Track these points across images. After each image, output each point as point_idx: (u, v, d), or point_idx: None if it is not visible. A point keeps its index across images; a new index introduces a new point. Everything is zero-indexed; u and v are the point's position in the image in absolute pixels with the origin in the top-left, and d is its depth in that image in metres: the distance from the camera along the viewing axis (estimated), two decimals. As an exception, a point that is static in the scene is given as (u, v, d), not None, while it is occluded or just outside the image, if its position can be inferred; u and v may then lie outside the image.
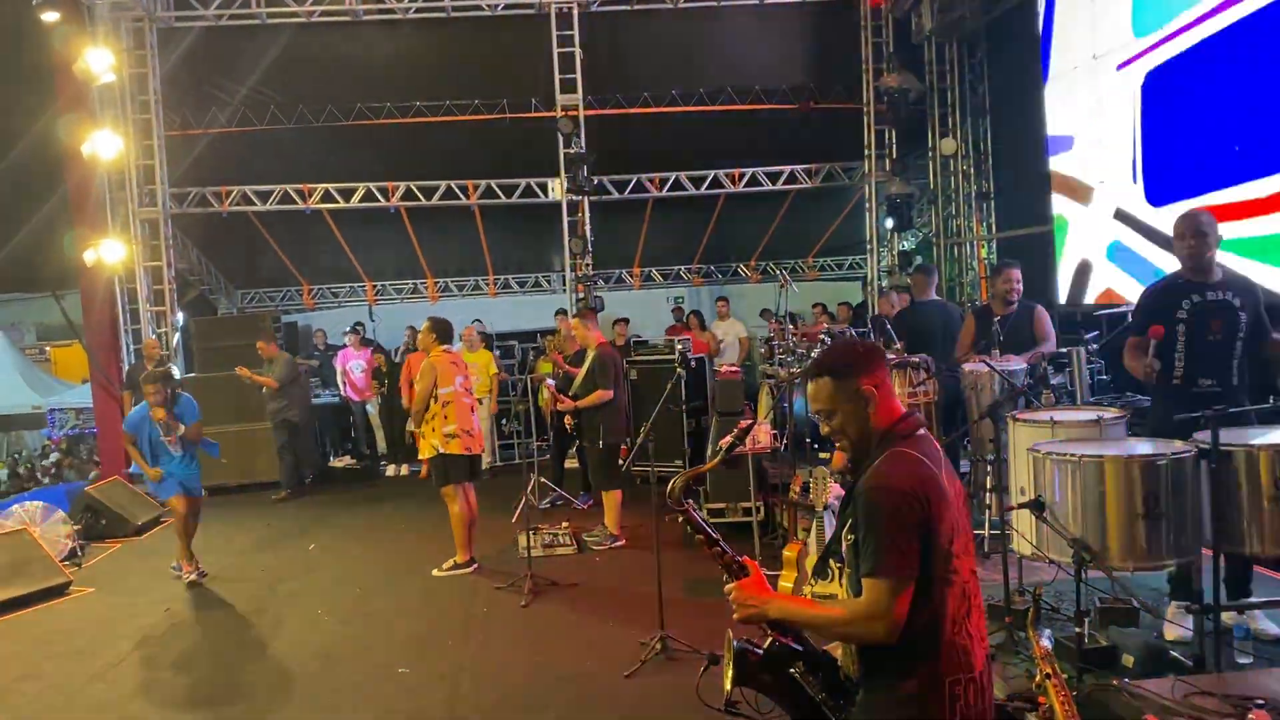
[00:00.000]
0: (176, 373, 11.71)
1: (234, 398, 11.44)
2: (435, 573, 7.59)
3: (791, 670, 2.48)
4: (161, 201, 12.54)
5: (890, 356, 6.80)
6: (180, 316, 12.77)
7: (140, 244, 12.38)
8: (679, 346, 10.15)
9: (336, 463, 12.95)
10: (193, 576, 7.82)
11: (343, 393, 12.86)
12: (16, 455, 21.12)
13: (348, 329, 13.29)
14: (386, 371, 12.28)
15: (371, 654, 5.97)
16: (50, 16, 10.59)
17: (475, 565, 7.63)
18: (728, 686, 2.54)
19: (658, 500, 6.05)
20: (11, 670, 6.05)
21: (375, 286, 17.15)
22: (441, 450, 7.46)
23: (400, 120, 13.36)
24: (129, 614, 7.13)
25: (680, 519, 2.77)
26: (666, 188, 14.15)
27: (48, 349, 24.84)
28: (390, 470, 12.35)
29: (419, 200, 13.94)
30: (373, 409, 12.80)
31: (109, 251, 11.41)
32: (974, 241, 13.21)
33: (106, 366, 11.73)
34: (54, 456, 18.84)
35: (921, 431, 2.45)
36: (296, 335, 15.11)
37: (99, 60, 10.74)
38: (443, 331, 7.73)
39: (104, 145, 11.10)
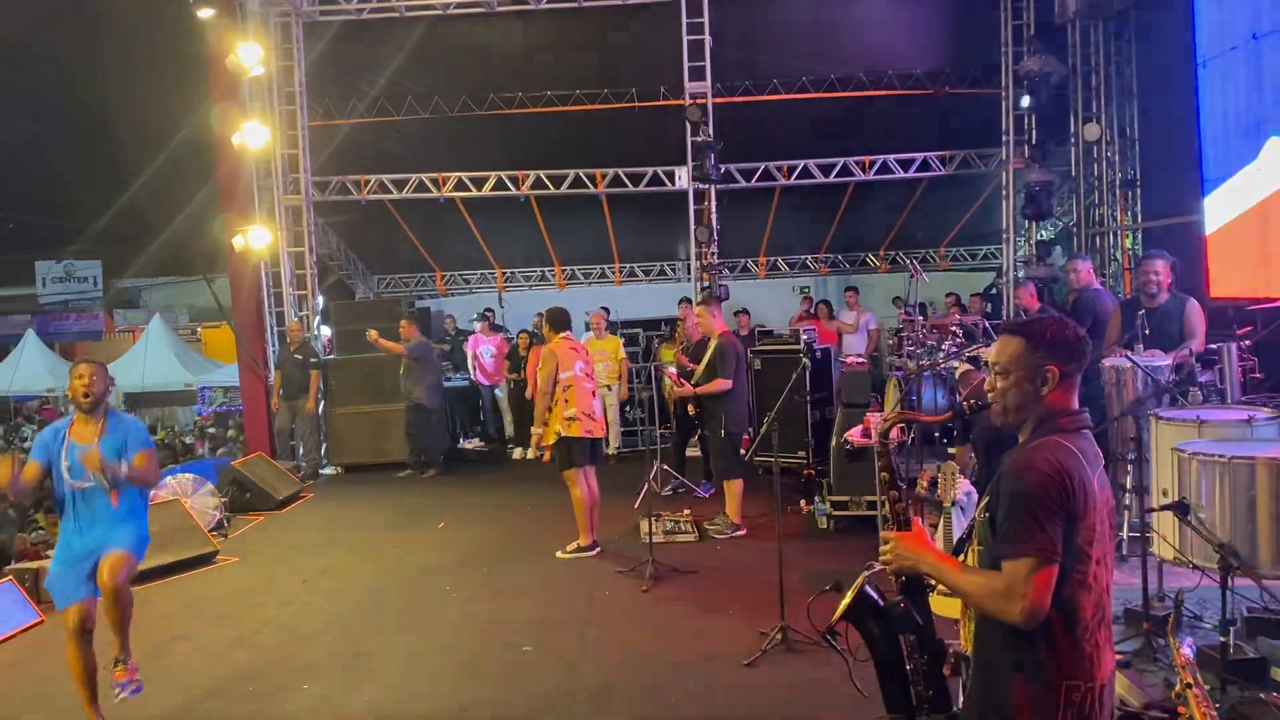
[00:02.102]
0: (318, 351, 12.20)
1: (370, 379, 11.87)
2: (559, 555, 7.72)
3: (902, 637, 2.51)
4: (304, 190, 13.05)
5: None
6: (320, 300, 13.28)
7: (284, 231, 12.91)
8: (804, 336, 10.03)
9: (466, 445, 13.29)
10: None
11: (472, 376, 13.19)
12: (170, 429, 22.36)
13: (477, 315, 13.59)
14: (523, 355, 12.48)
15: (496, 631, 6.11)
16: (205, 13, 11.15)
17: (598, 549, 7.72)
18: (836, 617, 2.62)
19: (781, 490, 6.03)
20: (166, 630, 6.42)
21: (505, 274, 17.51)
22: (563, 434, 7.56)
23: (531, 110, 13.58)
24: (269, 584, 7.48)
25: (879, 453, 2.91)
26: (794, 176, 13.97)
27: (199, 330, 26.26)
28: (517, 453, 12.61)
29: (548, 189, 14.14)
30: (501, 393, 13.08)
31: (256, 238, 11.94)
32: (1117, 231, 12.63)
33: (253, 347, 12.31)
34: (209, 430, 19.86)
35: (1086, 431, 2.39)
36: (429, 320, 15.55)
37: (249, 54, 11.25)
38: (557, 320, 7.84)
39: (252, 136, 11.61)
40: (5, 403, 24.15)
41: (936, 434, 8.41)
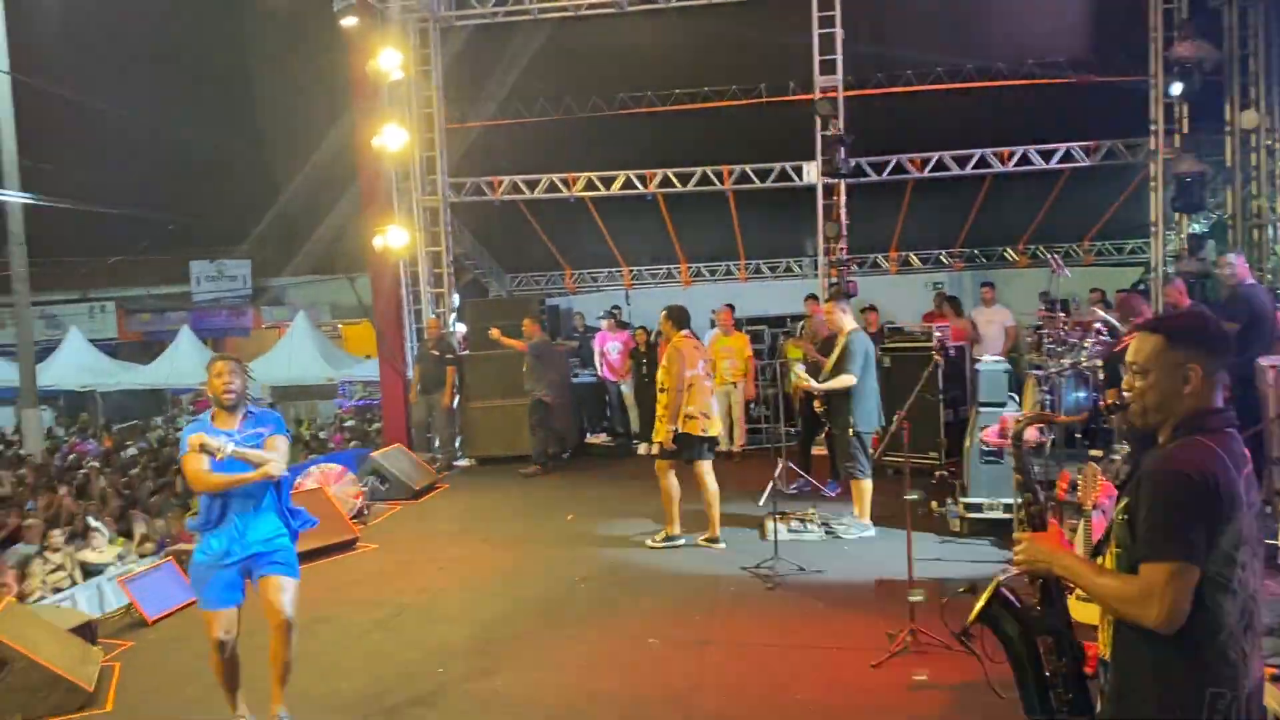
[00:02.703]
0: (454, 347, 12.54)
1: (502, 374, 12.12)
2: (648, 543, 7.92)
3: (1039, 639, 2.45)
4: (441, 191, 13.44)
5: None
6: (456, 298, 13.66)
7: (422, 231, 13.33)
8: (937, 334, 9.80)
9: (593, 440, 13.46)
10: None
11: (599, 373, 13.36)
12: (312, 421, 23.34)
13: (604, 313, 13.75)
14: (645, 352, 12.59)
15: (621, 623, 6.19)
16: (349, 22, 11.61)
17: (684, 540, 7.83)
18: (970, 619, 2.60)
19: (912, 492, 5.91)
20: (310, 612, 6.71)
21: (632, 271, 17.66)
22: (680, 430, 7.67)
23: (660, 108, 13.65)
24: (406, 570, 7.75)
25: (1013, 453, 2.87)
26: (928, 168, 13.65)
27: (340, 326, 27.35)
28: (642, 449, 12.69)
29: (675, 187, 14.19)
30: (627, 389, 13.20)
31: (395, 238, 12.36)
32: (1277, 224, 11.91)
33: (392, 343, 12.75)
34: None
35: (1231, 431, 2.28)
36: (558, 318, 15.81)
37: (389, 60, 11.67)
38: (679, 318, 7.97)
39: (392, 139, 12.03)
40: (163, 394, 25.69)
41: (1078, 435, 8.10)
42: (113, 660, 6.08)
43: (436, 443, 12.51)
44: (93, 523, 10.45)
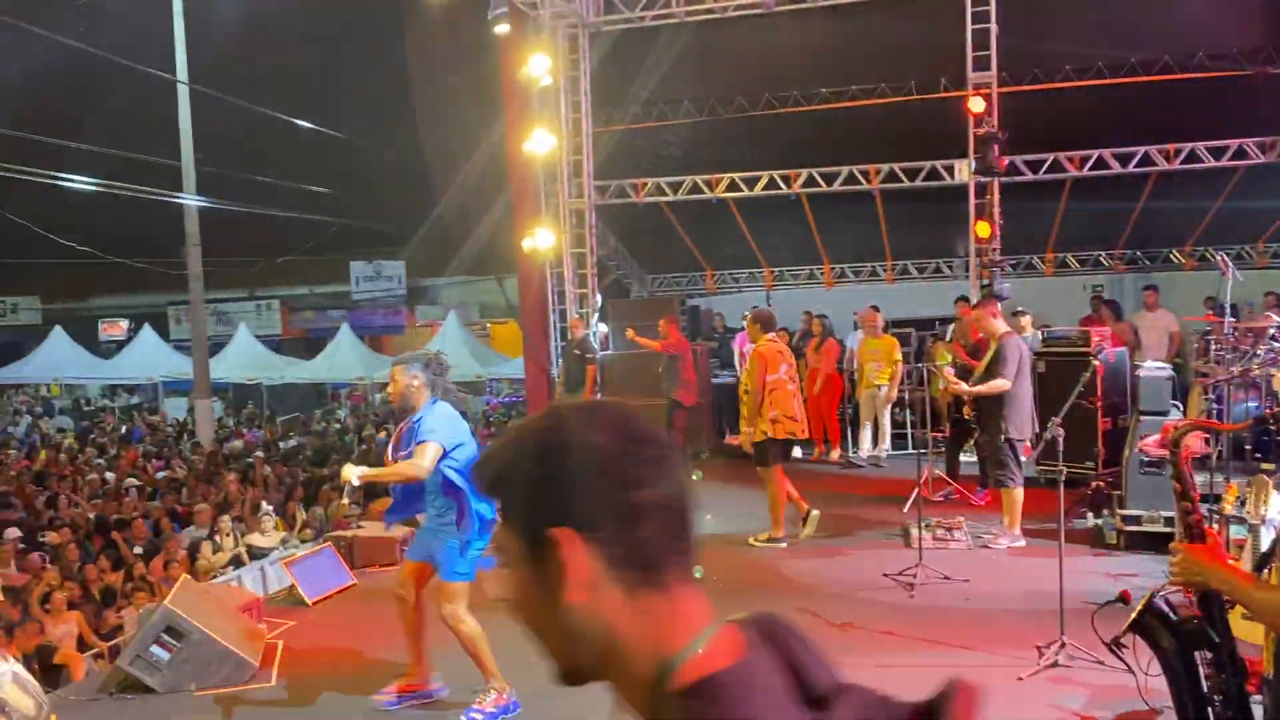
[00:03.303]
0: (595, 346, 12.72)
1: (642, 374, 12.26)
2: (751, 541, 8.07)
3: (1196, 653, 2.35)
4: (587, 193, 13.67)
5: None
6: (599, 298, 13.88)
7: (568, 233, 13.59)
8: (1095, 339, 9.40)
9: (731, 440, 13.44)
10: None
11: (738, 373, 13.33)
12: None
13: (746, 313, 13.69)
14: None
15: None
16: (502, 29, 11.97)
17: (786, 543, 8.00)
18: (1124, 629, 2.56)
19: (1065, 501, 5.70)
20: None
21: (773, 272, 17.55)
22: (769, 435, 7.83)
23: (806, 108, 13.53)
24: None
25: (1169, 461, 2.77)
26: (1087, 166, 13.08)
27: (488, 325, 28.15)
28: (782, 451, 12.62)
29: (820, 186, 14.03)
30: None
31: (542, 239, 12.66)
32: None
33: (537, 342, 13.06)
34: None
35: None
36: (699, 318, 15.88)
37: (539, 65, 11.96)
38: (766, 322, 8.27)
39: (540, 143, 12.33)
40: (323, 388, 26.96)
41: (1248, 447, 7.64)
42: (276, 638, 6.44)
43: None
44: (264, 507, 11.08)
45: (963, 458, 9.98)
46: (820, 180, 13.95)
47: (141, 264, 24.47)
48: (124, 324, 31.58)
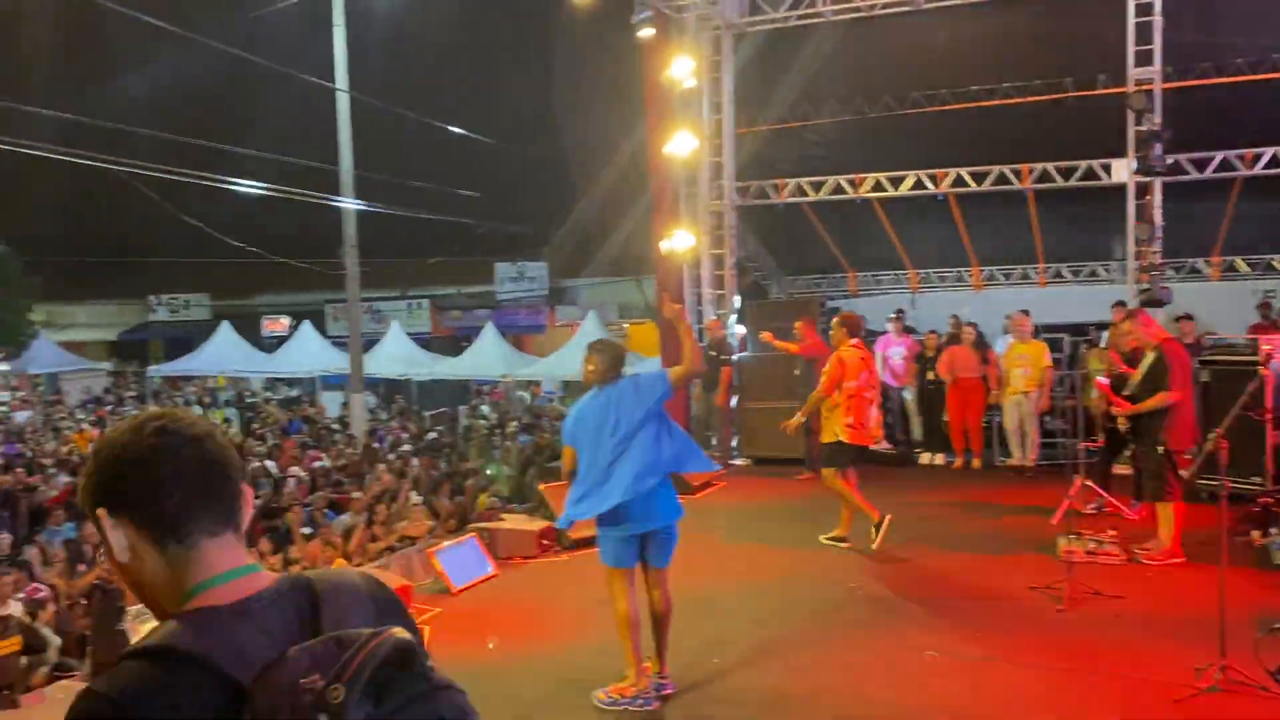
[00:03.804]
0: (732, 347, 12.73)
1: (780, 377, 12.18)
2: (822, 539, 8.23)
3: None
4: (727, 195, 13.69)
5: None
6: (737, 299, 13.87)
7: (707, 234, 13.64)
8: (1266, 347, 8.85)
9: (873, 446, 13.22)
10: None
11: (881, 378, 13.09)
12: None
13: (891, 315, 13.47)
14: (929, 358, 12.24)
15: (898, 632, 6.08)
16: (646, 33, 12.10)
17: (848, 543, 8.13)
18: None
19: (1229, 519, 5.40)
20: (592, 596, 7.09)
21: (919, 274, 17.19)
22: (841, 439, 7.96)
23: (955, 106, 13.21)
24: (684, 561, 7.91)
25: None
26: (1260, 165, 12.33)
27: (626, 325, 28.44)
28: (924, 458, 12.34)
29: (969, 186, 13.67)
30: (910, 395, 12.87)
31: (680, 241, 12.74)
32: None
33: (674, 342, 13.12)
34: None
35: None
36: (840, 320, 15.65)
37: (681, 68, 12.04)
38: (853, 327, 8.27)
39: (681, 145, 12.40)
40: (468, 385, 27.75)
41: None
42: (424, 623, 6.70)
43: (714, 441, 12.76)
44: (413, 497, 11.51)
45: (1116, 469, 9.57)
46: (969, 180, 13.59)
47: (303, 264, 25.75)
48: (285, 321, 33.28)
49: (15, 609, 7.61)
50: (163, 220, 21.05)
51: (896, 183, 13.95)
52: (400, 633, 1.27)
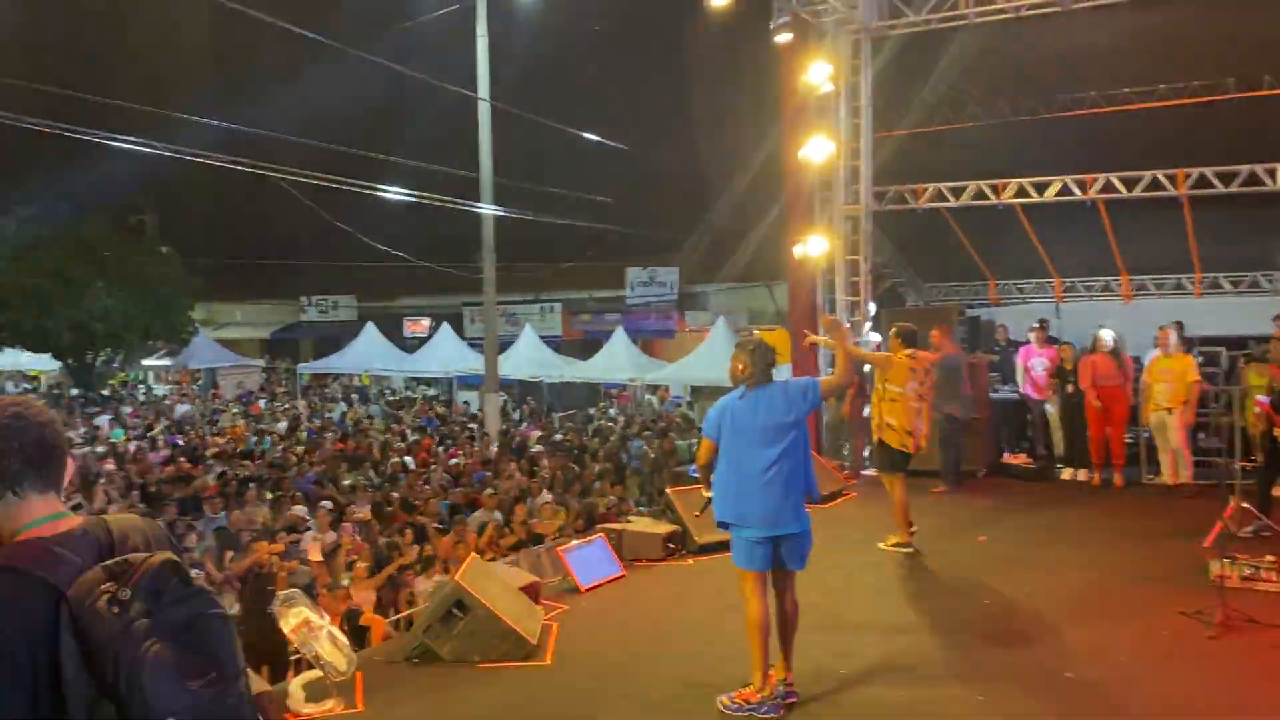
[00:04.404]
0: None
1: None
2: (880, 546, 8.34)
3: None
4: (864, 200, 13.46)
5: None
6: (871, 307, 13.63)
7: (842, 240, 13.45)
8: None
9: (1011, 460, 12.81)
10: None
11: (1021, 389, 12.67)
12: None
13: (1033, 325, 13.01)
14: (1071, 370, 11.78)
15: (1036, 653, 5.89)
16: (783, 39, 12.05)
17: (913, 548, 8.22)
18: None
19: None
20: (722, 600, 7.11)
21: (1064, 284, 16.58)
22: (881, 437, 8.34)
23: (1105, 109, 12.69)
24: (814, 572, 7.83)
25: None
26: None
27: (756, 331, 28.27)
28: (1066, 474, 11.88)
29: (1119, 192, 13.09)
30: (1052, 408, 12.41)
31: (814, 246, 12.61)
32: None
33: (805, 349, 13.00)
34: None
35: None
36: (978, 330, 15.22)
37: (819, 73, 11.93)
38: (907, 337, 8.51)
39: (817, 150, 12.28)
40: (597, 388, 28.12)
41: None
42: (552, 620, 6.83)
43: (845, 450, 12.58)
44: (543, 496, 11.75)
45: (1276, 491, 9.02)
46: (1119, 185, 13.01)
47: (443, 268, 26.59)
48: (425, 322, 34.43)
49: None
50: (315, 225, 22.09)
51: (1041, 188, 13.46)
52: (168, 555, 1.89)
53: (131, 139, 13.25)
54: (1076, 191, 13.20)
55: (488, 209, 20.27)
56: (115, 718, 1.75)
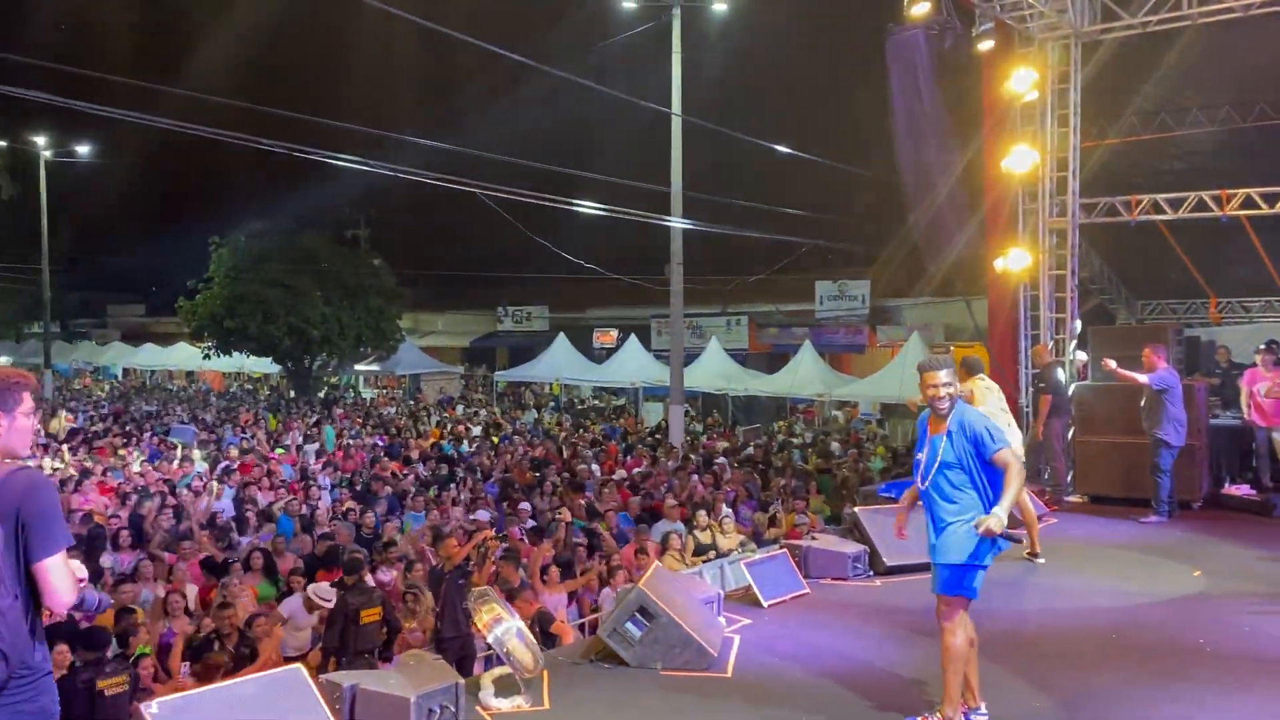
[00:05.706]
0: (1062, 376, 11.84)
1: (1125, 409, 11.20)
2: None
3: None
4: (1071, 211, 12.80)
5: None
6: (1077, 324, 12.94)
7: (1047, 253, 12.83)
8: None
9: (1231, 491, 11.86)
10: None
11: (1245, 416, 11.70)
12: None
13: (1260, 347, 12.02)
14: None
15: (1251, 700, 5.44)
16: (986, 45, 11.65)
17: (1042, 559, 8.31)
18: None
19: None
20: (903, 622, 6.90)
21: (1296, 302, 15.28)
22: None
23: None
24: (1005, 593, 7.53)
25: None
26: None
27: (952, 348, 27.33)
28: (1294, 508, 10.90)
29: (1363, 203, 11.93)
30: (1279, 436, 11.42)
31: (1016, 260, 12.10)
32: None
33: (1006, 367, 12.50)
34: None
35: None
36: (1197, 351, 14.17)
37: (1024, 80, 11.45)
38: (970, 366, 8.79)
39: (1020, 160, 11.79)
40: (783, 403, 27.87)
41: None
42: (733, 633, 6.82)
43: (1046, 474, 11.98)
44: (725, 509, 11.76)
45: None
46: (1363, 196, 11.86)
47: (633, 280, 27.07)
48: (614, 333, 35.09)
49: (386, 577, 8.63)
50: (512, 238, 22.96)
51: (1272, 200, 12.42)
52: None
53: (351, 158, 14.18)
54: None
55: (677, 222, 20.50)
56: None
